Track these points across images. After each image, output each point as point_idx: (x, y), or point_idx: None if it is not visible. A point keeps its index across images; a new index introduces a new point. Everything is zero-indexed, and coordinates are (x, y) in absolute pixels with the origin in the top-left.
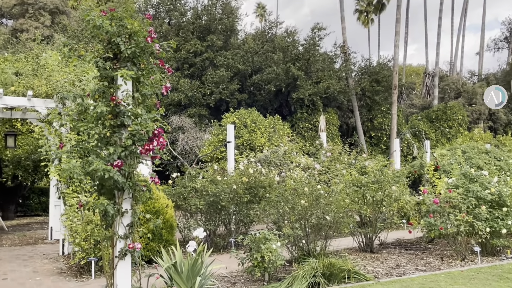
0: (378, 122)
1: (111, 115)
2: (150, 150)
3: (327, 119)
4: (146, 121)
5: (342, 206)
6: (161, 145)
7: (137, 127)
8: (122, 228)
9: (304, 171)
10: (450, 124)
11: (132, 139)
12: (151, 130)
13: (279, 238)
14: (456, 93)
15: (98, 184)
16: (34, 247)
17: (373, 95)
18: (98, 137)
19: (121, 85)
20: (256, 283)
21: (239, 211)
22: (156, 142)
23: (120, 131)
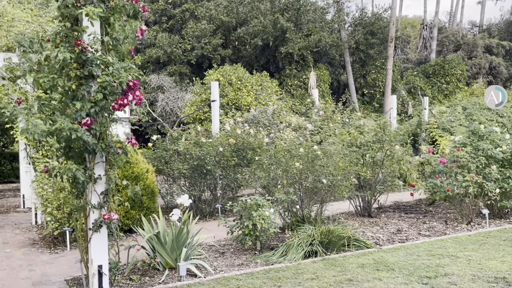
0: (372, 79)
1: (76, 63)
2: (124, 105)
3: (318, 75)
4: (118, 70)
5: (341, 168)
6: (138, 100)
7: (108, 78)
8: (96, 196)
9: (295, 131)
10: (448, 79)
11: (102, 93)
12: (124, 81)
13: (271, 204)
14: (455, 45)
15: (65, 146)
16: (5, 216)
17: (367, 48)
18: (62, 90)
19: (87, 27)
20: (247, 252)
21: (226, 175)
22: (131, 96)
23: (88, 83)
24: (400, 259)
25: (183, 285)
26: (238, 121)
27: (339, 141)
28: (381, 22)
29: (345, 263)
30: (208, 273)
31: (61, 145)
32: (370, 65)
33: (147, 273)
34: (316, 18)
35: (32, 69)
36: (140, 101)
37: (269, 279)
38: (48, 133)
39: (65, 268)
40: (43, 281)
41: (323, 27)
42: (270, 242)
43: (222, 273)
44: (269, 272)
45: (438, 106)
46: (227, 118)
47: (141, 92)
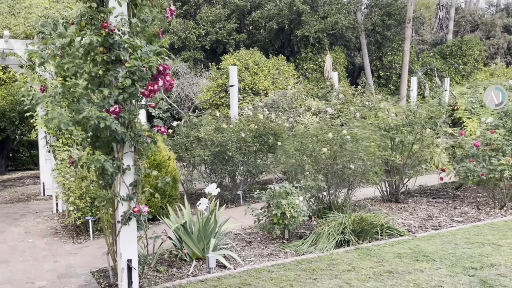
0: (388, 61)
1: (103, 47)
2: (154, 91)
3: (334, 58)
4: (147, 54)
5: (372, 152)
6: (168, 85)
7: (137, 62)
8: (124, 188)
9: (315, 115)
10: (466, 60)
11: (131, 78)
12: (154, 65)
13: (300, 192)
14: (473, 26)
15: (92, 136)
16: (26, 204)
17: (383, 30)
18: (88, 77)
19: (113, 8)
20: (275, 241)
21: (247, 161)
22: (161, 81)
23: (115, 68)
24: (438, 248)
25: (213, 278)
26: (256, 105)
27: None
28: (398, 2)
29: (380, 253)
30: (237, 264)
31: (88, 135)
32: (387, 47)
33: (174, 264)
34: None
35: (56, 54)
36: (171, 86)
37: (302, 271)
38: (75, 122)
39: (90, 259)
40: (68, 273)
41: (339, 9)
42: (297, 231)
43: (252, 264)
44: (301, 263)
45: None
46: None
47: (171, 77)
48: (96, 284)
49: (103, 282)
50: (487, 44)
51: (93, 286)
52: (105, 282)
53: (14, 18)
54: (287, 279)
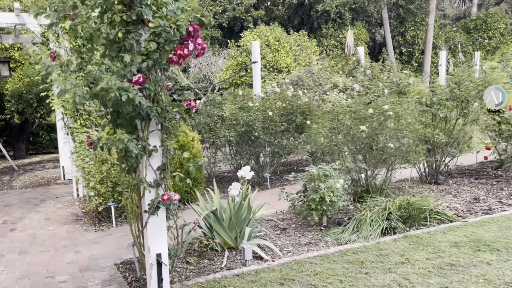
0: (411, 36)
1: (121, 5)
2: (184, 57)
3: (355, 34)
4: (174, 12)
5: (417, 130)
6: (200, 49)
7: (162, 22)
8: (151, 172)
9: (342, 92)
10: (491, 34)
11: (156, 42)
12: (184, 25)
13: (339, 174)
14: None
15: (112, 112)
16: (46, 188)
17: (406, 3)
18: (105, 41)
19: None
20: (312, 228)
21: (274, 141)
22: (192, 45)
23: (137, 30)
24: (497, 235)
25: (250, 271)
26: (281, 83)
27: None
28: None
29: (433, 242)
30: (275, 255)
31: (107, 110)
32: (409, 22)
33: (204, 255)
34: None
35: (67, 15)
36: (203, 50)
37: (349, 263)
38: (92, 95)
39: (113, 248)
40: (91, 265)
41: None
42: (335, 216)
43: (291, 255)
44: (346, 253)
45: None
46: (269, 81)
47: (203, 39)
48: (122, 279)
49: (129, 276)
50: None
51: (119, 281)
52: (131, 276)
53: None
54: (334, 273)
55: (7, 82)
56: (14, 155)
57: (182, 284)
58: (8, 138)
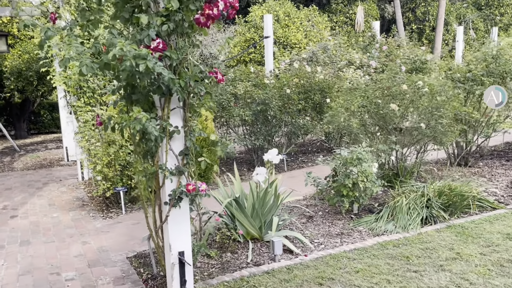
0: (422, 12)
1: None
2: (213, 18)
3: (365, 10)
4: None
5: (455, 108)
6: (232, 9)
7: None
8: (172, 158)
9: (359, 69)
10: (502, 10)
11: None
12: None
13: (372, 157)
14: None
15: (126, 86)
16: (49, 170)
17: None
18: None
19: None
20: (341, 216)
21: (291, 121)
22: (222, 3)
23: None
24: None
25: (281, 268)
26: (295, 59)
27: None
28: None
29: (482, 233)
30: (305, 248)
31: (120, 84)
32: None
33: (226, 247)
34: None
35: None
36: (235, 10)
37: (392, 258)
38: (102, 64)
39: (125, 239)
40: (101, 259)
41: None
42: (365, 203)
43: (325, 248)
44: (386, 246)
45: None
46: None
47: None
48: (136, 276)
49: (144, 273)
50: None
51: (133, 278)
52: (146, 272)
53: None
54: (378, 271)
55: (5, 58)
56: (15, 135)
57: (206, 283)
58: (8, 117)
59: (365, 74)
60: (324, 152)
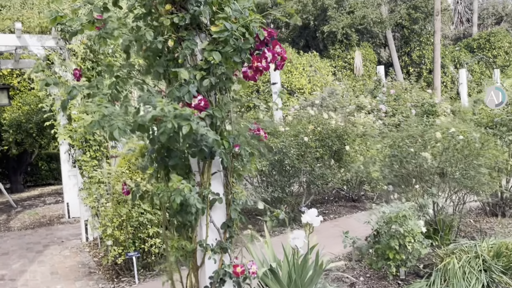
0: (417, 56)
1: (170, 4)
2: (262, 70)
3: (363, 55)
4: (241, 12)
5: (496, 156)
6: (280, 60)
7: (228, 25)
8: (213, 231)
9: (370, 113)
10: (495, 53)
11: (220, 51)
12: (258, 27)
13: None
14: (497, 18)
15: (160, 149)
16: (49, 229)
17: (410, 24)
18: (149, 52)
19: None
20: (386, 281)
21: (311, 170)
22: (270, 54)
23: (191, 37)
24: None
25: None
26: (304, 104)
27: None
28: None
29: None
30: None
31: (154, 147)
32: (415, 42)
33: None
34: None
35: (94, 20)
36: (283, 61)
37: None
38: (136, 126)
39: None
40: None
41: (364, 2)
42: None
43: None
44: None
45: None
46: (290, 102)
47: (282, 47)
48: None
49: None
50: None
51: None
52: None
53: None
54: None
55: (5, 110)
56: (11, 189)
57: None
58: (4, 170)
59: (377, 119)
60: (343, 201)
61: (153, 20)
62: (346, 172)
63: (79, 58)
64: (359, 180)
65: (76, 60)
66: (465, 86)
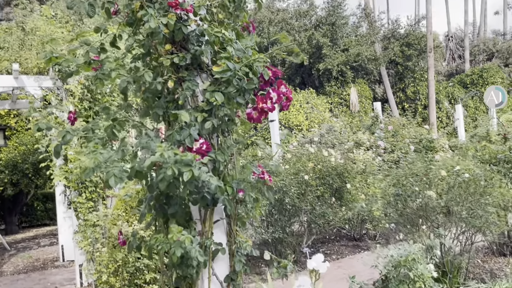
0: (412, 92)
1: (170, 44)
2: (268, 111)
3: (358, 91)
4: (244, 51)
5: (504, 194)
6: (286, 100)
7: (231, 64)
8: (215, 284)
9: (368, 149)
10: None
11: (223, 92)
12: (262, 67)
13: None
14: (488, 54)
15: (159, 196)
16: (42, 273)
17: (404, 61)
18: (146, 94)
19: None
20: None
21: (311, 209)
22: (275, 94)
23: (192, 77)
24: None
25: None
26: (302, 142)
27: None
28: (416, 32)
29: None
30: None
31: (152, 194)
32: (409, 78)
33: None
34: (351, 32)
35: (91, 61)
36: (289, 102)
37: None
38: (133, 172)
39: None
40: None
41: (359, 40)
42: None
43: None
44: None
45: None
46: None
47: (287, 87)
48: None
49: None
50: (506, 72)
51: None
52: None
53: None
54: None
55: (1, 151)
56: (5, 230)
57: None
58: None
59: (376, 155)
60: (344, 240)
61: (152, 61)
62: (347, 210)
63: (76, 98)
64: (361, 219)
65: (74, 101)
66: (462, 121)
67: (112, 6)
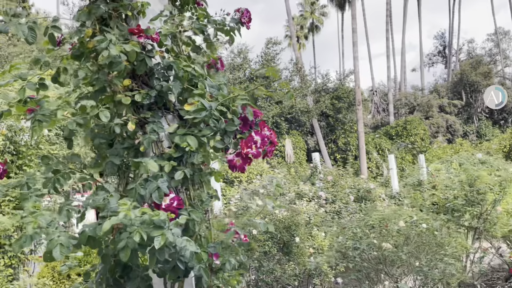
0: (343, 143)
1: (130, 79)
2: (252, 158)
3: (293, 142)
4: (218, 89)
5: (463, 245)
6: (270, 144)
7: (207, 103)
8: None
9: (311, 200)
10: (412, 139)
11: (196, 136)
12: (242, 108)
13: None
14: (410, 107)
15: (113, 267)
16: None
17: (335, 113)
18: (98, 140)
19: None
20: None
21: (259, 266)
22: (258, 138)
23: (157, 118)
24: None
25: None
26: (243, 194)
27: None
28: (344, 87)
29: None
30: None
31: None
32: (339, 130)
33: None
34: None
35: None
36: (274, 146)
37: None
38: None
39: None
40: None
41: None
42: None
43: None
44: None
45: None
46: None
47: (271, 129)
48: None
49: None
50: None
51: None
52: None
53: None
54: None
55: None
56: None
57: None
58: None
59: (319, 206)
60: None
61: (107, 99)
62: (295, 265)
63: None
64: (308, 274)
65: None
66: (395, 171)
67: (58, 32)
